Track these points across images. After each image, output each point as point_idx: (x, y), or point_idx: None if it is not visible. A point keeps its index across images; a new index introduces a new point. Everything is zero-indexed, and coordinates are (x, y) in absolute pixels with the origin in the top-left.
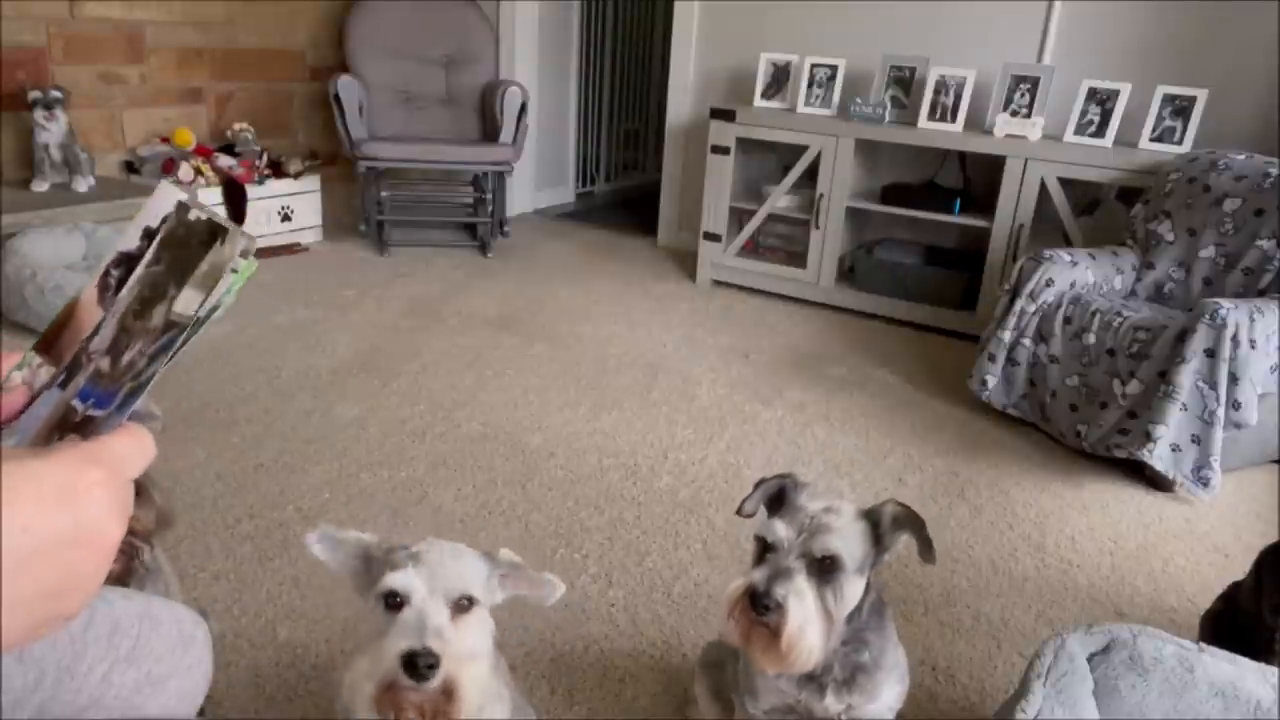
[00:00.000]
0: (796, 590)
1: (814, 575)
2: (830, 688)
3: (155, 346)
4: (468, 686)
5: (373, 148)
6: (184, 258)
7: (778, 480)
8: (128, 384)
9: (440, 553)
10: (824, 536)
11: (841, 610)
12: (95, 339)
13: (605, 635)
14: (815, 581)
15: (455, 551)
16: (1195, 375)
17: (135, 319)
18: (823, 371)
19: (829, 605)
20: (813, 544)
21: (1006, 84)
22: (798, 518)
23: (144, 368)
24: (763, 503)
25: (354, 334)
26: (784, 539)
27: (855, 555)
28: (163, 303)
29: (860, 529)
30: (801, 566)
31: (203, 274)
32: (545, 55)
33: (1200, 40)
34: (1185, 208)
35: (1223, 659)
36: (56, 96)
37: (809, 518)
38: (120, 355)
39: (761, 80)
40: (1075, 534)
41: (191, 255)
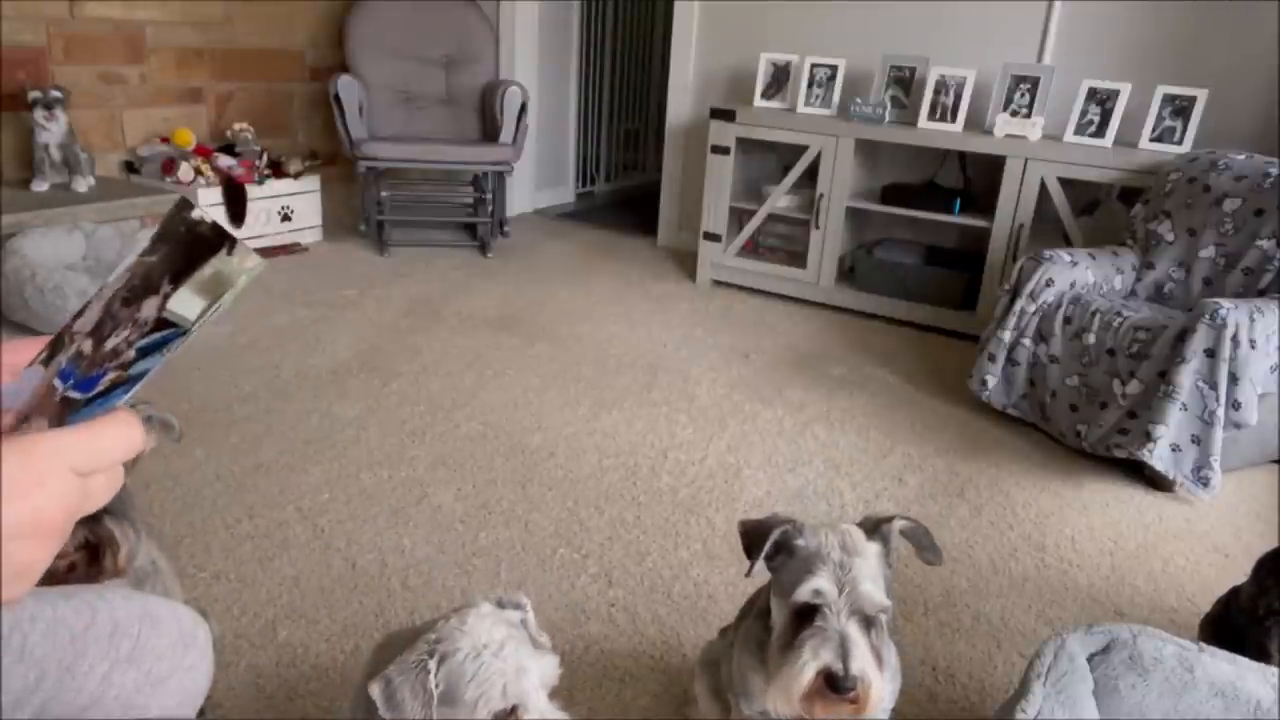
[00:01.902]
0: (870, 662)
1: (864, 628)
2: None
3: (146, 341)
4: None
5: (373, 148)
6: (182, 257)
7: (779, 531)
8: (111, 372)
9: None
10: (868, 588)
11: (890, 653)
12: (80, 319)
13: (605, 635)
14: (867, 634)
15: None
16: (1195, 375)
17: (123, 306)
18: (823, 371)
19: (881, 652)
20: (861, 601)
21: (1006, 84)
22: (831, 571)
23: (132, 359)
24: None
25: (354, 334)
26: (830, 599)
27: (888, 587)
28: (155, 296)
29: (878, 558)
30: (856, 626)
31: (207, 279)
32: (545, 55)
33: (1200, 40)
34: (1185, 208)
35: (1223, 659)
36: (56, 96)
37: (841, 568)
38: (103, 340)
39: (761, 80)
40: (1075, 534)
41: (191, 256)
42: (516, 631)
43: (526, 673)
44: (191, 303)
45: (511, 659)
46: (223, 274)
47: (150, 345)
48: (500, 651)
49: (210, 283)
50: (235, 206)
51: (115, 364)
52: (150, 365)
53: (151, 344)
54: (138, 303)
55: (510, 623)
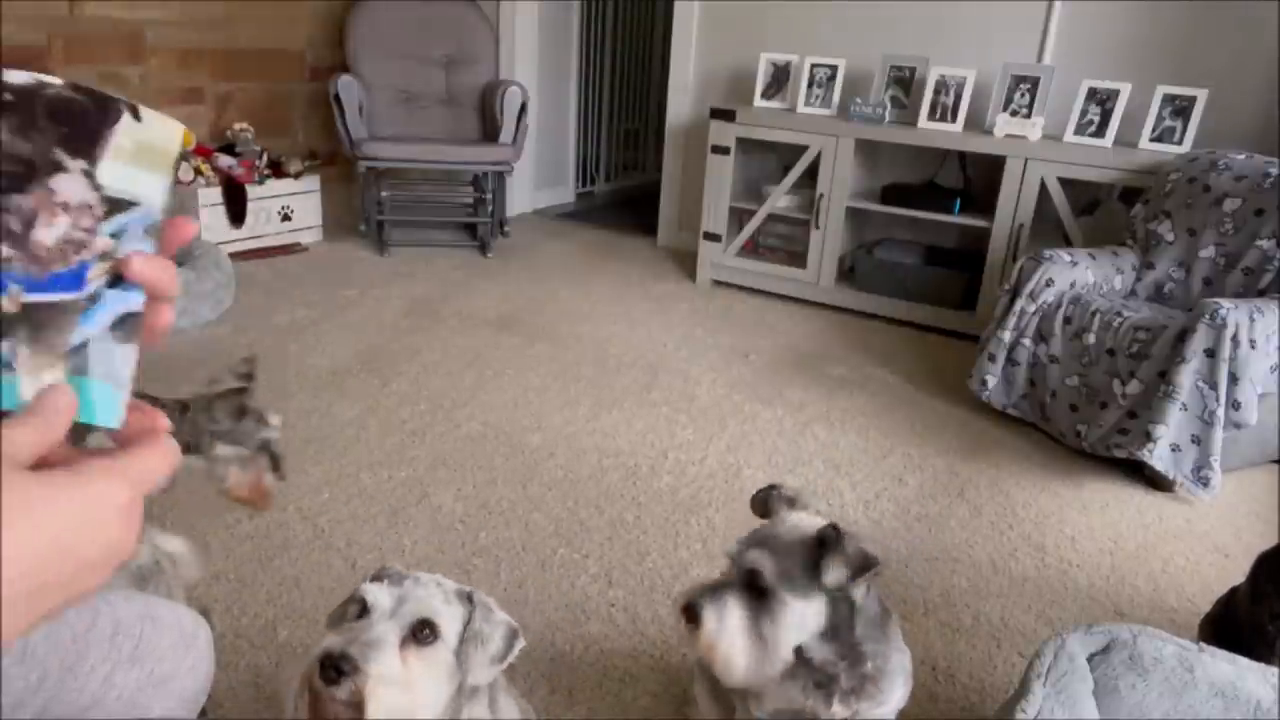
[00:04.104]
0: (718, 604)
1: (748, 596)
2: (838, 696)
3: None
4: (376, 709)
5: (373, 148)
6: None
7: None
8: (95, 264)
9: (418, 581)
10: (754, 551)
11: (778, 636)
12: None
13: (605, 635)
14: (750, 603)
15: (435, 582)
16: (1195, 375)
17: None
18: (823, 371)
19: (763, 630)
20: (745, 557)
21: (1006, 84)
22: (759, 530)
23: (113, 247)
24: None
25: (354, 334)
26: (732, 550)
27: (792, 576)
28: (61, 174)
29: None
30: (736, 583)
31: (133, 150)
32: (545, 55)
33: (1200, 40)
34: (1185, 208)
35: (1223, 659)
36: None
37: (762, 530)
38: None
39: (761, 80)
40: (1075, 534)
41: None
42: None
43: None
44: (132, 177)
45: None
46: (148, 143)
47: (124, 229)
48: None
49: (140, 154)
50: (235, 206)
51: (90, 254)
52: (145, 249)
53: (124, 227)
54: (31, 189)
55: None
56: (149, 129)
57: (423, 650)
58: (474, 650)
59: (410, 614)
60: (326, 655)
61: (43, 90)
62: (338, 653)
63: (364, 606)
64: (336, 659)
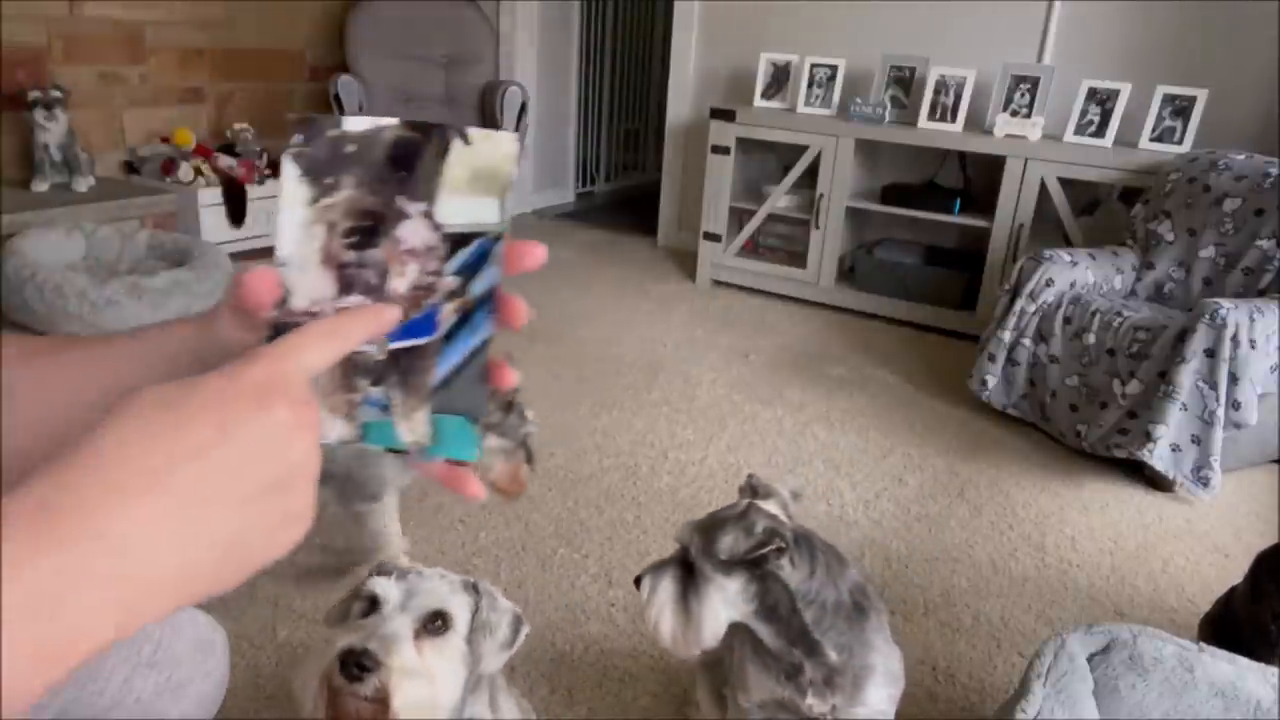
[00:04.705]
0: (655, 578)
1: (683, 571)
2: (810, 689)
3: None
4: (402, 703)
5: None
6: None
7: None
8: (444, 305)
9: (423, 575)
10: (688, 530)
11: (702, 609)
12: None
13: (605, 635)
14: (684, 577)
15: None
16: (1195, 375)
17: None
18: (823, 371)
19: (690, 604)
20: (680, 535)
21: (1006, 84)
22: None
23: (460, 284)
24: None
25: None
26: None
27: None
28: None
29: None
30: (673, 559)
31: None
32: (545, 55)
33: (1200, 40)
34: (1185, 208)
35: (1223, 659)
36: (56, 96)
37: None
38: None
39: (761, 80)
40: (1075, 534)
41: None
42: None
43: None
44: (469, 208)
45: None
46: (483, 166)
47: (469, 262)
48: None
49: (474, 180)
50: (235, 206)
51: (438, 297)
52: (490, 278)
53: (469, 260)
54: (380, 243)
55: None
56: (479, 150)
57: (436, 641)
58: (484, 639)
59: (421, 606)
60: (347, 652)
61: (380, 135)
62: (359, 649)
63: (372, 602)
64: (358, 655)
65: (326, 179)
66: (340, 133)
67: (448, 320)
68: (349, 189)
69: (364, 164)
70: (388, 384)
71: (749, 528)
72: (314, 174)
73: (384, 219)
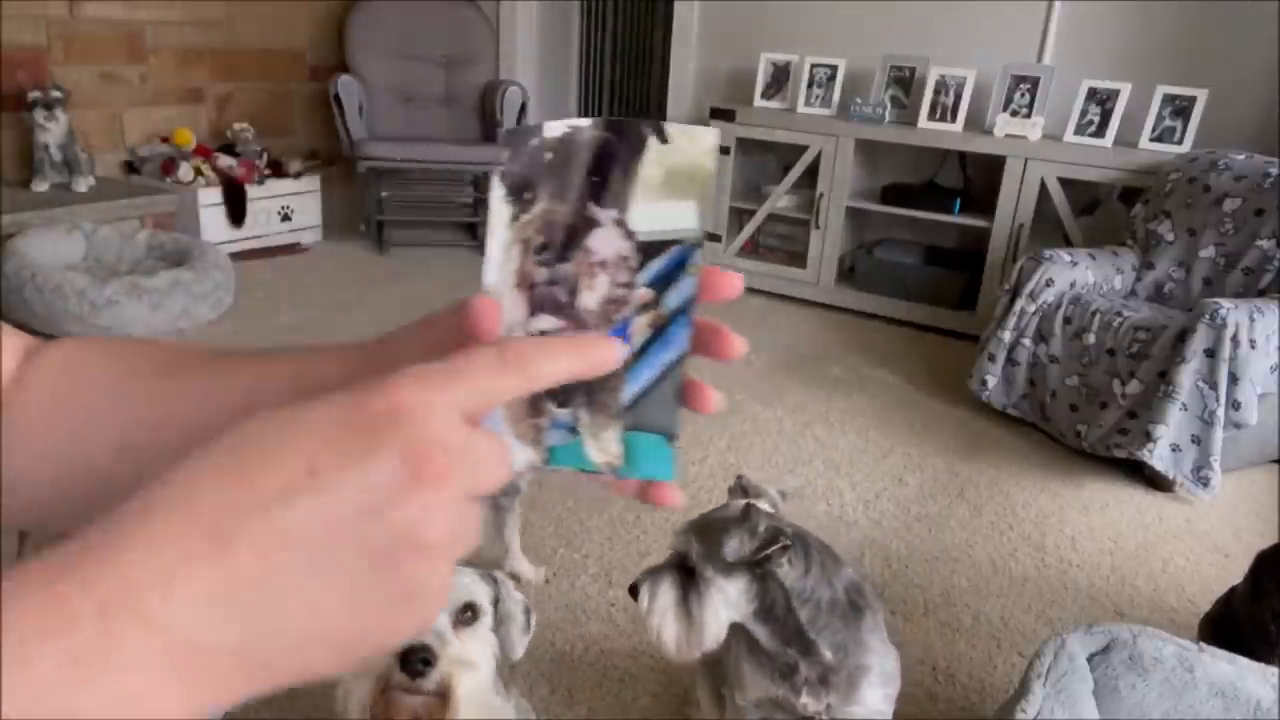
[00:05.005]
0: (654, 584)
1: (681, 575)
2: (805, 687)
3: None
4: (462, 692)
5: (373, 148)
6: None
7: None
8: (635, 317)
9: None
10: (685, 534)
11: (704, 613)
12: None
13: (605, 635)
14: (683, 582)
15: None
16: (1195, 375)
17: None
18: (823, 371)
19: (691, 608)
20: (677, 540)
21: (1006, 84)
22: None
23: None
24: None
25: (354, 334)
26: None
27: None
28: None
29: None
30: (670, 564)
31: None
32: (545, 55)
33: (1200, 40)
34: (1185, 208)
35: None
36: (56, 96)
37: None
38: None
39: (761, 80)
40: (1075, 534)
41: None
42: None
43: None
44: (664, 213)
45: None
46: (680, 166)
47: (663, 272)
48: None
49: (670, 182)
50: (235, 206)
51: (629, 310)
52: (686, 289)
53: (664, 270)
54: (571, 255)
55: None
56: (677, 149)
57: (468, 631)
58: (509, 626)
59: (453, 599)
60: (408, 650)
61: (576, 139)
62: (419, 645)
63: None
64: (420, 651)
65: (525, 194)
66: (540, 141)
67: (640, 335)
68: (544, 202)
69: (559, 173)
70: (574, 404)
71: (753, 529)
72: (516, 191)
73: (575, 230)
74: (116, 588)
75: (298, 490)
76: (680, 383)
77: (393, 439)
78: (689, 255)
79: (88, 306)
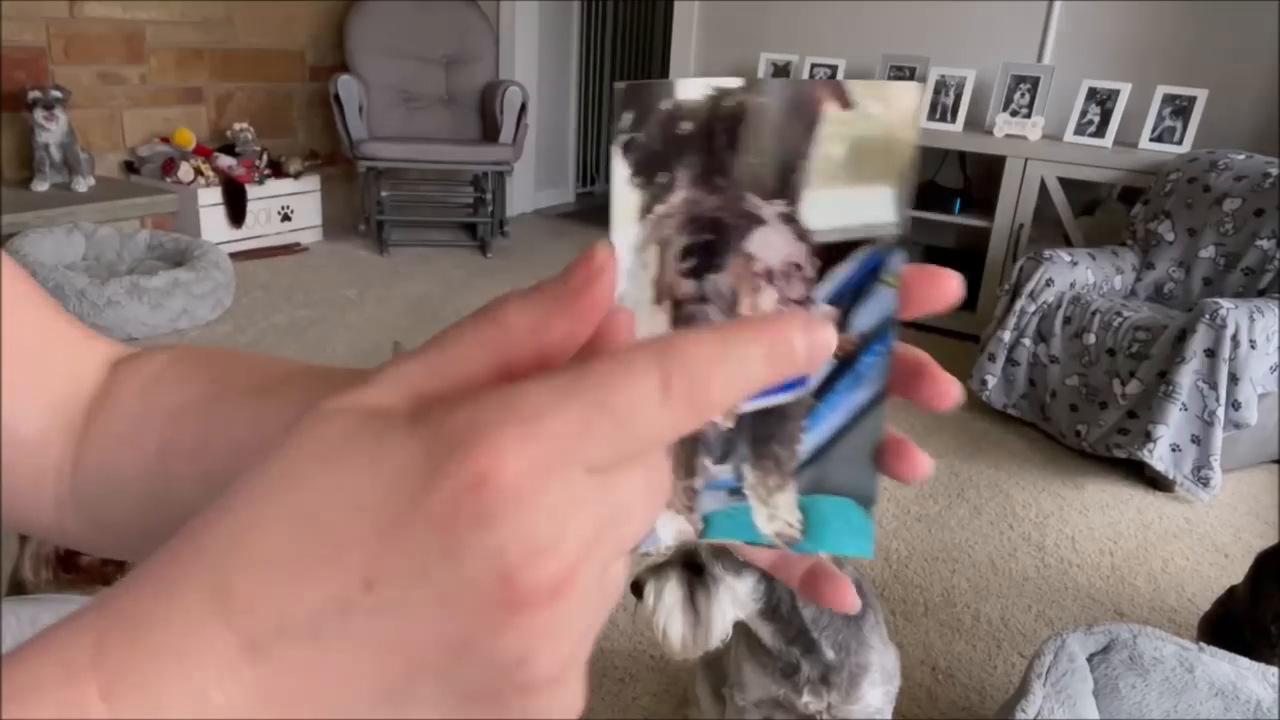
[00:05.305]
0: (659, 581)
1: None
2: (806, 686)
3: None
4: None
5: (373, 148)
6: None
7: None
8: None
9: None
10: None
11: (712, 611)
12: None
13: (605, 635)
14: (689, 579)
15: None
16: (1195, 375)
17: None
18: None
19: (699, 605)
20: None
21: (1006, 84)
22: None
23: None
24: None
25: (354, 334)
26: None
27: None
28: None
29: None
30: (677, 561)
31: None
32: (545, 55)
33: (1200, 40)
34: (1185, 208)
35: (1223, 659)
36: (56, 96)
37: None
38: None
39: None
40: (1075, 534)
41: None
42: None
43: None
44: (849, 202)
45: None
46: (871, 138)
47: (851, 283)
48: None
49: (858, 159)
50: (235, 206)
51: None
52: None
53: (851, 280)
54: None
55: None
56: (865, 115)
57: None
58: None
59: None
60: None
61: (722, 105)
62: None
63: None
64: None
65: (659, 176)
66: (674, 105)
67: (821, 367)
68: (684, 188)
69: (704, 150)
70: (737, 458)
71: None
72: (645, 171)
73: (730, 228)
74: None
75: (352, 607)
76: (878, 434)
77: (480, 541)
78: (885, 259)
79: (88, 306)
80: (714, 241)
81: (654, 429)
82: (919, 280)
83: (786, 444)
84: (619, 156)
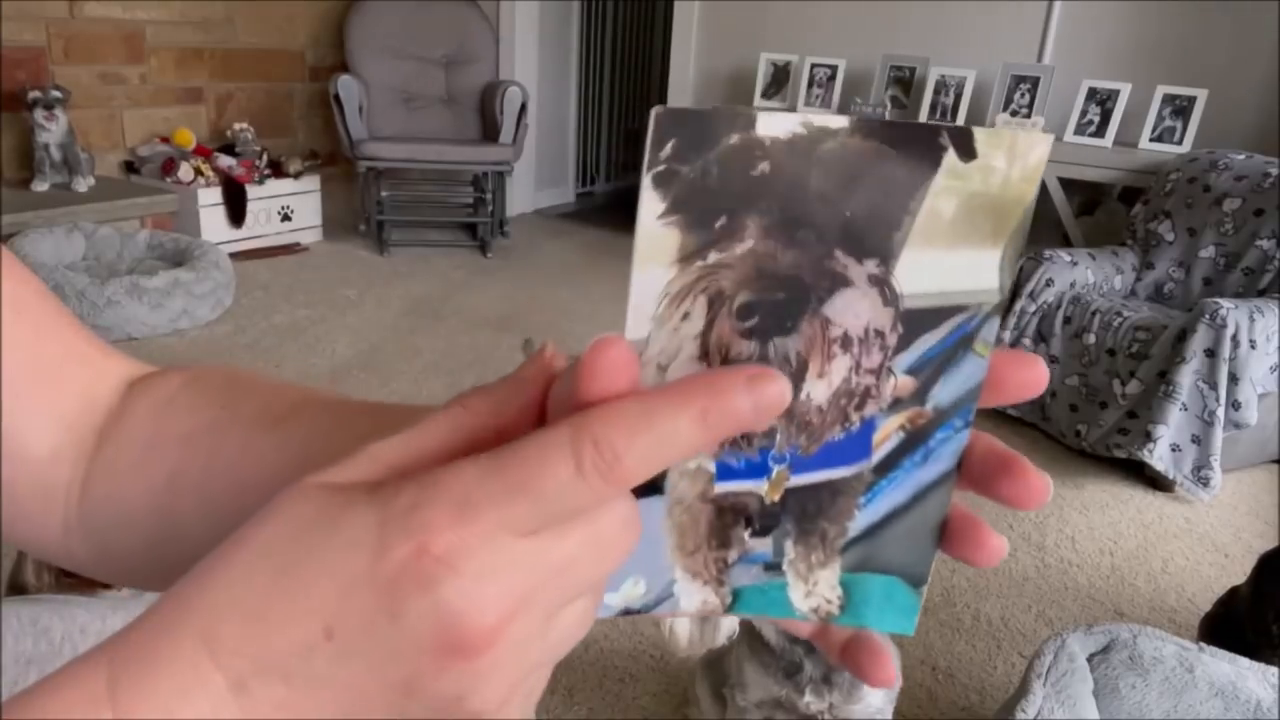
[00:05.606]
0: None
1: None
2: (809, 686)
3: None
4: None
5: (373, 148)
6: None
7: None
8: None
9: None
10: None
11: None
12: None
13: (605, 635)
14: None
15: None
16: (1195, 375)
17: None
18: None
19: None
20: None
21: (1006, 84)
22: None
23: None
24: None
25: (354, 334)
26: None
27: None
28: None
29: None
30: None
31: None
32: (545, 55)
33: (1200, 40)
34: (1185, 208)
35: (1223, 659)
36: (56, 96)
37: None
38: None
39: (761, 80)
40: (1075, 534)
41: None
42: None
43: None
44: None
45: None
46: (987, 194)
47: (932, 354)
48: None
49: (968, 216)
50: (235, 206)
51: (877, 407)
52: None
53: (933, 351)
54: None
55: None
56: (986, 168)
57: None
58: None
59: None
60: None
61: (820, 145)
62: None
63: None
64: None
65: (717, 219)
66: (748, 140)
67: (888, 441)
68: (754, 237)
69: (782, 194)
70: (780, 533)
71: None
72: (693, 211)
73: (807, 287)
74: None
75: (315, 653)
76: (943, 513)
77: (419, 603)
78: (978, 328)
79: (88, 306)
80: (785, 300)
81: (574, 501)
82: (1006, 365)
83: (836, 520)
84: (650, 189)
